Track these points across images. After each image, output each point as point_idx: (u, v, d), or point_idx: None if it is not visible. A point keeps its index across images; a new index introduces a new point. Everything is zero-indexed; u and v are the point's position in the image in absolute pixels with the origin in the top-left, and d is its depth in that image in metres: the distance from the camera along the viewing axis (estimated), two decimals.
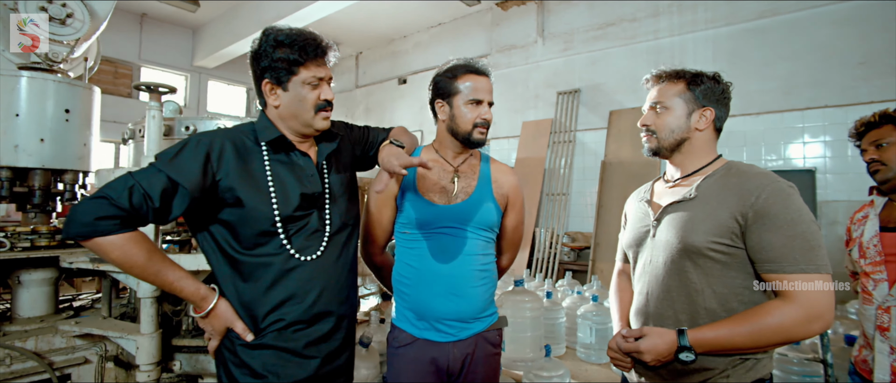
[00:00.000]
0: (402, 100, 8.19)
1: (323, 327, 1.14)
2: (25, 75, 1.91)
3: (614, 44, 5.34)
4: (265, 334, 1.09)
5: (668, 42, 5.00)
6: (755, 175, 1.02)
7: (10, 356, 1.82)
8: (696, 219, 1.03)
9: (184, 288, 1.03)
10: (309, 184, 1.13)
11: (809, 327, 0.92)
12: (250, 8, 6.42)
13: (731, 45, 4.63)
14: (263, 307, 1.08)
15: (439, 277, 1.23)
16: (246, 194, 1.05)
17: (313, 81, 1.11)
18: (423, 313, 1.25)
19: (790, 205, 0.95)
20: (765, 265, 0.96)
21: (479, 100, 1.25)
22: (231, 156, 1.06)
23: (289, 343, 1.10)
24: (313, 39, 1.11)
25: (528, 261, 5.41)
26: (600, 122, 5.38)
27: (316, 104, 1.12)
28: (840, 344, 2.10)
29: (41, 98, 1.93)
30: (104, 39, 6.78)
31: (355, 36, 8.18)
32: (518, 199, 1.37)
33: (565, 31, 5.80)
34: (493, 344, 1.31)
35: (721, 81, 1.14)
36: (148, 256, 0.98)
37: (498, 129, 6.62)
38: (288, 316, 1.09)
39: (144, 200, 0.95)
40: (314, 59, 1.11)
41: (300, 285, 1.10)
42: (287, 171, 1.12)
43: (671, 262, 1.06)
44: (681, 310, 1.05)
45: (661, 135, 1.12)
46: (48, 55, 1.94)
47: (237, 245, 1.07)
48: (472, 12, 6.96)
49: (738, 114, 4.56)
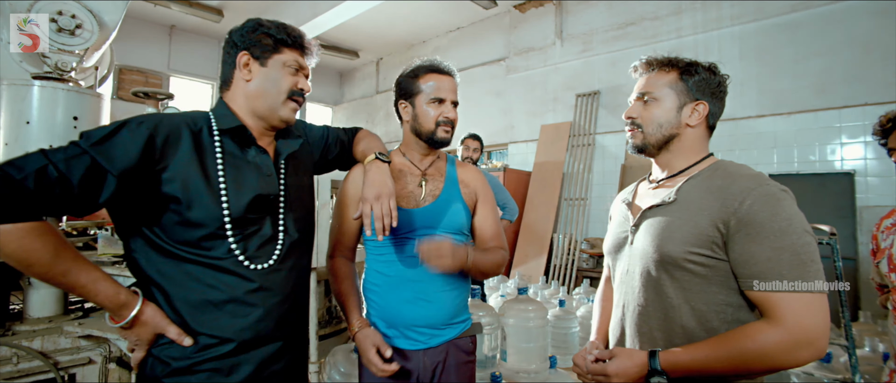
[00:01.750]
0: None
1: (267, 350, 0.99)
2: (37, 84, 1.99)
3: (635, 43, 5.16)
4: (199, 355, 0.93)
5: (692, 40, 4.79)
6: (741, 177, 0.91)
7: (17, 355, 1.88)
8: (673, 225, 0.93)
9: (99, 292, 0.87)
10: (265, 184, 1.00)
11: (797, 354, 0.80)
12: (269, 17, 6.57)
13: (760, 41, 4.39)
14: (200, 321, 0.93)
15: (408, 283, 1.20)
16: (193, 189, 0.91)
17: (294, 65, 1.04)
18: (392, 320, 1.22)
19: (779, 213, 0.83)
20: (748, 280, 0.85)
21: (442, 98, 1.23)
22: (184, 144, 0.92)
23: (223, 365, 0.94)
24: (302, 33, 1.09)
25: (545, 267, 5.27)
26: (620, 125, 5.21)
27: (290, 89, 1.04)
28: (878, 363, 1.91)
29: (51, 106, 2.00)
30: (135, 51, 7.13)
31: (376, 42, 8.26)
32: (488, 193, 1.35)
33: (584, 32, 5.66)
34: (466, 351, 1.27)
35: (717, 73, 1.02)
36: (54, 253, 0.81)
37: (516, 133, 6.52)
38: (226, 333, 0.94)
39: (58, 185, 0.78)
40: (300, 48, 1.06)
41: (245, 298, 0.95)
42: (243, 168, 0.99)
43: (646, 274, 0.96)
44: (656, 327, 0.95)
45: (647, 130, 1.01)
46: (58, 65, 2.01)
47: (177, 247, 0.92)
48: (490, 15, 6.91)
49: (768, 114, 4.32)
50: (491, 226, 1.32)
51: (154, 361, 0.94)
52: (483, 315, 2.28)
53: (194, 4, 6.50)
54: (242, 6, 6.63)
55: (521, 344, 2.28)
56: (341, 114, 9.90)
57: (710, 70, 1.01)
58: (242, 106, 1.04)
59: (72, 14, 2.01)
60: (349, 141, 1.31)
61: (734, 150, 4.49)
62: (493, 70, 6.95)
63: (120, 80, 7.15)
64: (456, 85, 1.28)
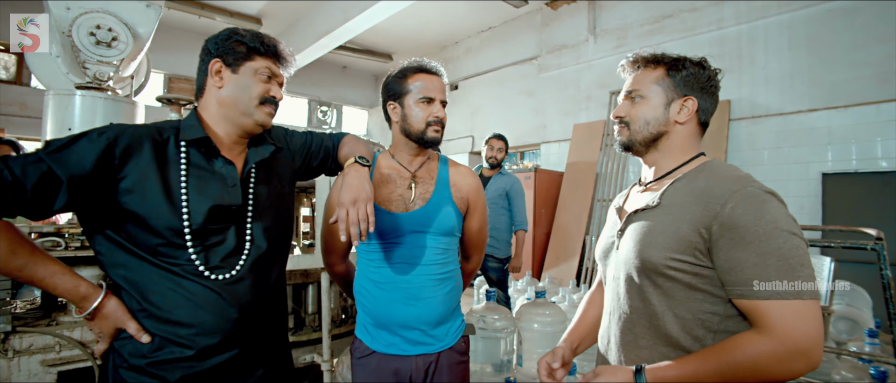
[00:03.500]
0: (453, 106, 8.20)
1: (222, 358, 0.97)
2: (78, 94, 2.14)
3: (672, 37, 4.92)
4: (154, 356, 0.93)
5: (735, 31, 4.51)
6: (725, 179, 0.85)
7: (59, 343, 2.02)
8: (655, 231, 0.88)
9: (58, 285, 0.89)
10: (227, 195, 0.99)
11: (790, 365, 0.74)
12: (304, 24, 6.80)
13: (812, 29, 4.07)
14: (156, 320, 0.93)
15: (399, 285, 1.20)
16: (151, 199, 0.91)
17: (266, 72, 1.03)
18: (384, 322, 1.21)
19: (764, 216, 0.78)
20: (734, 288, 0.80)
21: (431, 98, 1.22)
22: (145, 155, 0.93)
23: (169, 373, 0.93)
24: (277, 42, 1.07)
25: (577, 270, 5.13)
26: None
27: (262, 96, 1.02)
28: None
29: (91, 114, 2.15)
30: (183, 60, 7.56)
31: (408, 45, 8.36)
32: (479, 201, 1.32)
33: (618, 27, 5.46)
34: (459, 352, 1.26)
35: (707, 67, 0.97)
36: (10, 248, 0.85)
37: (548, 133, 6.39)
38: (183, 339, 0.93)
39: (11, 189, 0.81)
40: (274, 56, 1.05)
41: (205, 306, 0.94)
42: (207, 179, 0.99)
43: (630, 281, 0.92)
44: (641, 336, 0.91)
45: (634, 127, 0.97)
46: (96, 75, 2.16)
47: (139, 249, 0.93)
48: (521, 14, 6.81)
49: (821, 108, 3.99)
50: (477, 233, 1.34)
51: (114, 354, 0.96)
52: (498, 318, 2.24)
53: (234, 15, 6.83)
54: (278, 14, 6.90)
55: (537, 349, 2.22)
56: (376, 116, 10.07)
57: (700, 65, 0.96)
58: (215, 113, 1.04)
59: (109, 27, 2.15)
60: (334, 146, 1.29)
61: (782, 148, 4.19)
62: (525, 69, 6.84)
63: (169, 87, 7.63)
64: (444, 85, 1.27)
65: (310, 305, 2.25)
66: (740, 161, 4.37)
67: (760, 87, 4.35)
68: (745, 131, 4.40)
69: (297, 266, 2.02)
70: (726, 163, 0.93)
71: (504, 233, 3.27)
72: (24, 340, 1.94)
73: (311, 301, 2.25)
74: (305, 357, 2.12)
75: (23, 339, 1.95)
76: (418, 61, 1.26)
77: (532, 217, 5.47)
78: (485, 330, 2.16)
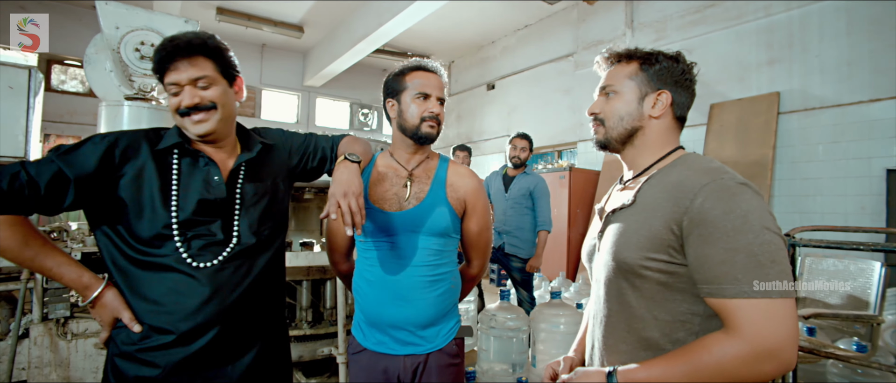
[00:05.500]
0: (490, 105, 8.20)
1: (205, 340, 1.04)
2: (127, 104, 2.36)
3: (715, 27, 4.66)
4: (141, 343, 1.02)
5: (786, 18, 4.20)
6: (697, 172, 0.81)
7: None
8: (629, 231, 0.86)
9: (64, 275, 1.00)
10: (212, 190, 1.08)
11: (759, 367, 0.71)
12: (343, 30, 7.04)
13: (874, 11, 3.72)
14: (145, 312, 1.02)
15: (390, 284, 1.21)
16: (146, 194, 1.02)
17: (172, 89, 1.04)
18: (375, 321, 1.23)
19: (733, 209, 0.74)
20: (704, 286, 0.77)
21: (427, 94, 1.23)
22: (141, 155, 1.04)
23: (157, 359, 1.01)
24: (166, 44, 1.04)
25: None
26: (698, 118, 4.74)
27: (177, 109, 1.05)
28: None
29: (137, 122, 2.37)
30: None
31: (446, 46, 8.43)
32: (479, 203, 1.29)
33: (657, 20, 5.24)
34: (449, 353, 1.24)
35: (682, 61, 0.94)
36: (23, 240, 0.97)
37: (585, 131, 6.23)
38: (166, 324, 1.01)
39: (27, 187, 0.93)
40: (170, 62, 1.03)
41: (188, 292, 1.02)
42: (195, 175, 1.08)
43: (609, 283, 0.90)
44: (621, 340, 0.88)
45: (609, 124, 0.95)
46: (141, 87, 2.38)
47: (133, 242, 1.02)
48: (558, 10, 6.69)
49: (885, 98, 3.64)
50: (477, 235, 1.31)
51: (112, 342, 1.06)
52: (512, 318, 2.24)
53: (278, 24, 7.19)
54: (319, 21, 7.19)
55: (552, 350, 2.19)
56: None
57: (674, 58, 0.94)
58: None
59: (151, 43, 2.36)
60: (332, 148, 1.33)
61: (840, 142, 3.85)
62: (561, 66, 6.71)
63: None
64: (443, 83, 1.27)
65: (328, 300, 2.35)
66: (791, 157, 4.07)
67: (814, 77, 4.02)
68: (796, 125, 4.09)
69: (314, 262, 2.13)
70: (702, 156, 0.88)
71: (528, 233, 3.24)
72: (80, 324, 2.18)
73: (329, 296, 2.35)
74: (324, 349, 2.23)
75: (79, 323, 2.18)
76: (418, 60, 1.28)
77: (567, 217, 5.36)
78: (496, 330, 2.17)
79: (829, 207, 3.91)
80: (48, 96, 6.67)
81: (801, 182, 4.03)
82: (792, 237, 1.68)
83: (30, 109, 2.14)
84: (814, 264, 2.64)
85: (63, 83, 7.14)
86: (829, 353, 1.93)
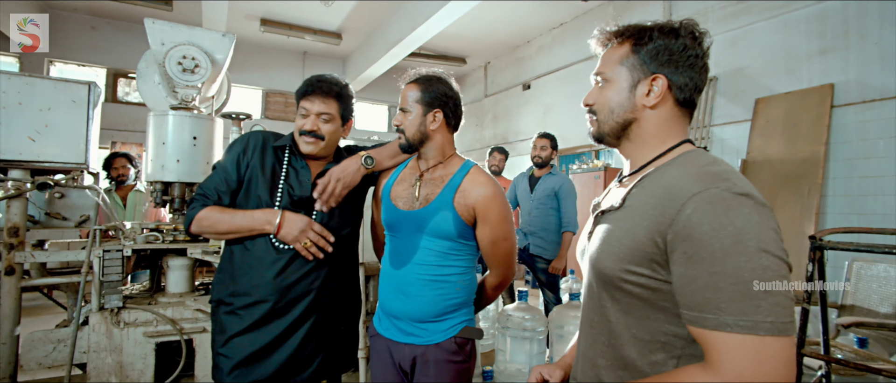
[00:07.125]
0: (526, 105, 8.12)
1: (287, 307, 1.35)
2: (171, 113, 2.58)
3: (760, 17, 4.39)
4: (234, 299, 1.36)
5: (840, 3, 3.89)
6: (692, 176, 0.69)
7: (156, 319, 2.46)
8: (612, 237, 0.77)
9: (252, 219, 1.33)
10: (301, 188, 1.40)
11: None
12: (378, 35, 7.23)
13: None
14: (239, 278, 1.35)
15: (394, 277, 1.31)
16: (256, 180, 1.37)
17: (302, 112, 1.39)
18: (384, 308, 1.35)
19: (725, 225, 0.62)
20: (685, 312, 0.66)
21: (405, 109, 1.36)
22: (259, 152, 1.40)
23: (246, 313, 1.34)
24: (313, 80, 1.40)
25: None
26: (742, 114, 4.48)
27: (300, 129, 1.39)
28: None
29: (180, 129, 2.58)
30: (278, 76, 8.47)
31: (481, 47, 8.44)
32: (491, 212, 1.26)
33: (697, 12, 4.99)
34: (449, 350, 1.26)
35: (682, 35, 0.78)
36: (221, 212, 1.34)
37: None
38: (248, 289, 1.35)
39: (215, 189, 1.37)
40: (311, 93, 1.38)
41: (271, 266, 1.34)
42: (294, 175, 1.41)
43: (591, 291, 0.84)
44: (600, 354, 0.81)
45: (600, 117, 0.84)
46: (183, 97, 2.58)
47: None
48: (593, 7, 6.53)
49: None
50: (491, 245, 1.30)
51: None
52: (528, 318, 2.23)
53: (318, 32, 7.49)
54: (356, 27, 7.42)
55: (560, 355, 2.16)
56: None
57: (673, 32, 0.78)
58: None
59: (192, 56, 2.57)
60: None
61: None
62: None
63: (267, 101, 8.60)
64: (405, 95, 1.38)
65: None
66: (846, 154, 3.77)
67: (874, 67, 3.70)
68: (853, 119, 3.78)
69: (373, 259, 2.24)
70: (706, 154, 0.76)
71: (553, 235, 3.22)
72: (131, 314, 2.40)
73: None
74: None
75: (130, 313, 2.41)
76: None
77: None
78: (511, 330, 2.18)
79: (892, 208, 3.58)
80: (114, 107, 7.32)
81: (858, 180, 3.72)
82: (819, 239, 1.58)
83: (89, 120, 2.38)
84: (863, 269, 2.45)
85: (127, 95, 7.79)
86: (876, 368, 1.78)
